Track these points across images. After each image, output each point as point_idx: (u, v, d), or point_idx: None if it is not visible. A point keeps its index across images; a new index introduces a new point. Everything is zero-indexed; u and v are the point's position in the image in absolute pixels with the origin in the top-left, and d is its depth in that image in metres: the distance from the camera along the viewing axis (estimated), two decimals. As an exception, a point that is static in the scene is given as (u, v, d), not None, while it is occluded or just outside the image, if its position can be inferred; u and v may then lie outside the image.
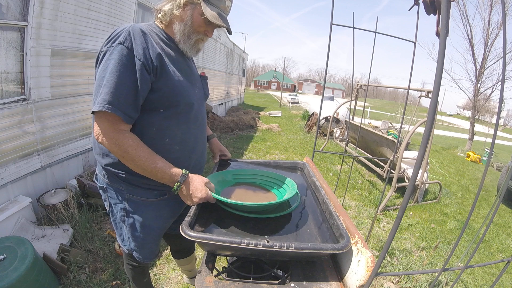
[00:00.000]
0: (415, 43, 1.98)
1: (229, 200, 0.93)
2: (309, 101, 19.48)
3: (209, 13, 0.99)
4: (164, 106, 1.01)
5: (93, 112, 0.92)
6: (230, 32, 1.09)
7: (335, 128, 7.22)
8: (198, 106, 1.13)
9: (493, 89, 9.31)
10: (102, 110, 0.87)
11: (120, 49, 0.89)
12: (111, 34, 0.93)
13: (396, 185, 3.56)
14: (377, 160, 4.81)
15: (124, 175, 1.05)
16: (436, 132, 13.77)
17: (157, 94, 0.98)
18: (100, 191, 1.18)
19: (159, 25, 1.07)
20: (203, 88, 1.22)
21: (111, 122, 0.91)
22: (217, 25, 1.04)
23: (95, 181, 1.21)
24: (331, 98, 11.71)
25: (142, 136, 0.99)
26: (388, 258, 2.57)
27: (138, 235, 1.16)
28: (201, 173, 1.22)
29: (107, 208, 1.19)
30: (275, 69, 73.77)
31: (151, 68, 0.94)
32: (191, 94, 1.08)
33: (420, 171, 3.78)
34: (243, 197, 1.08)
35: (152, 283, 1.69)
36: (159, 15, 1.05)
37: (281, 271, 0.91)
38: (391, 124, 10.17)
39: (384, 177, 4.20)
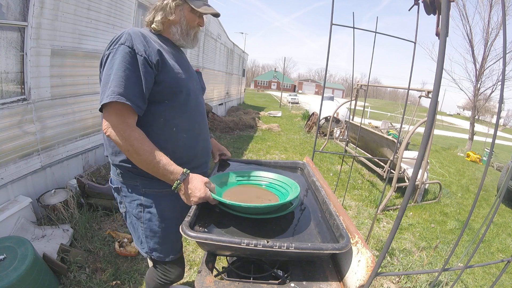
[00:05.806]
0: (415, 43, 1.98)
1: (227, 201, 0.93)
2: (309, 101, 19.51)
3: (199, 7, 1.11)
4: (168, 97, 1.07)
5: (101, 109, 0.96)
6: (218, 15, 1.18)
7: (335, 128, 7.22)
8: (197, 95, 1.21)
9: (493, 89, 9.31)
10: (112, 101, 0.92)
11: (123, 48, 0.96)
12: (112, 39, 1.01)
13: (396, 185, 3.56)
14: (377, 160, 4.81)
15: (139, 169, 1.07)
16: (436, 132, 13.77)
17: (160, 86, 1.04)
18: (115, 194, 1.19)
19: (153, 31, 1.15)
20: (200, 82, 1.31)
21: (119, 116, 0.96)
22: (207, 13, 1.15)
23: (110, 184, 1.21)
24: (331, 98, 11.75)
25: (152, 127, 1.05)
26: (388, 258, 2.57)
27: (156, 230, 1.16)
28: (209, 159, 1.31)
29: (122, 211, 1.19)
30: (275, 69, 73.68)
31: (152, 62, 1.00)
32: (190, 84, 1.16)
33: (420, 171, 3.78)
34: (245, 198, 1.08)
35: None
36: (153, 26, 1.13)
37: (281, 271, 0.91)
38: (391, 124, 10.18)
39: (384, 177, 4.20)
